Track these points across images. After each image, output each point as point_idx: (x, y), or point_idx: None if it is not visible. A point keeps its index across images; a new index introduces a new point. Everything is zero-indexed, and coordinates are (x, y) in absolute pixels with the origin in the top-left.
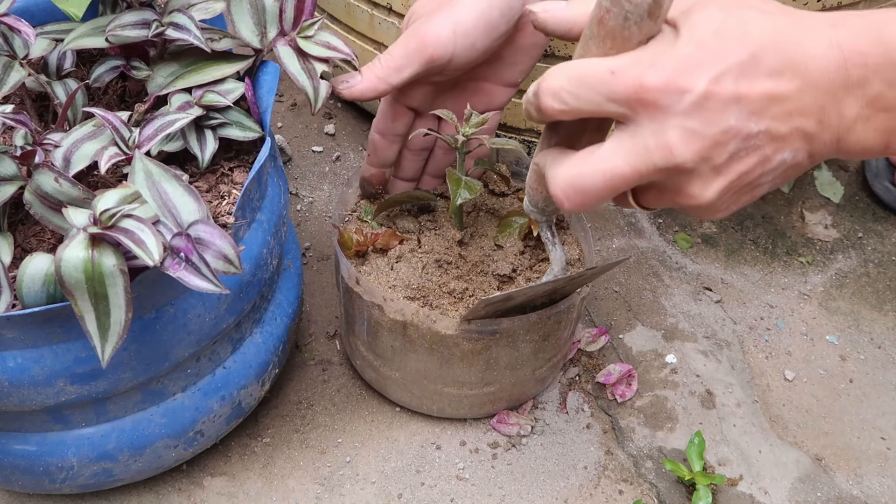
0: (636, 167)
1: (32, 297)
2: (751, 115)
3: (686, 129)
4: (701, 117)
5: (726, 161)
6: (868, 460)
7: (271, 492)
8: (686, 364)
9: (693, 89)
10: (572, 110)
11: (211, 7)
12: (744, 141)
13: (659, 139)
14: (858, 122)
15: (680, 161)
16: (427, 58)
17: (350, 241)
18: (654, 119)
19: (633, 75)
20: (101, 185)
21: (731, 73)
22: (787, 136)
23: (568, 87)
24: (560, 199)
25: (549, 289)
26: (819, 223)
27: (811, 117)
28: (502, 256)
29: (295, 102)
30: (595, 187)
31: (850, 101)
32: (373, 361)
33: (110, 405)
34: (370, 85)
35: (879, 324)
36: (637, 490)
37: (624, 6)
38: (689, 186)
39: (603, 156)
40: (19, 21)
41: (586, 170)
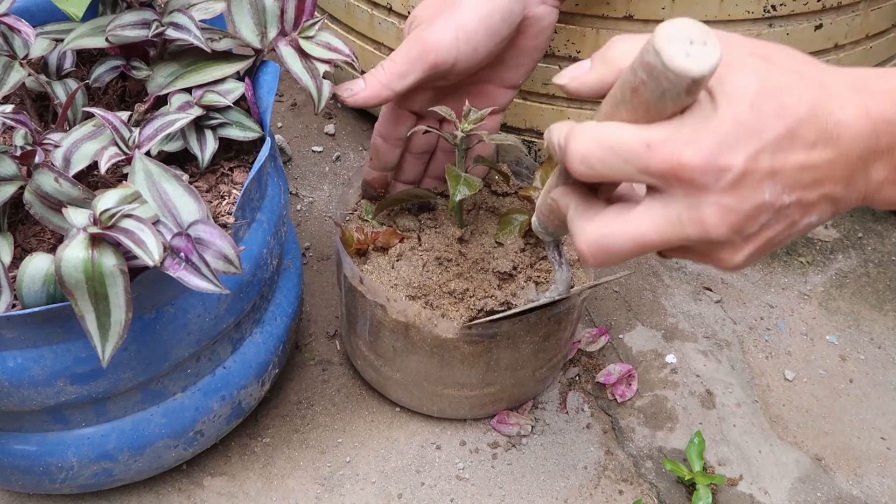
0: (666, 237)
1: (32, 297)
2: (784, 188)
3: (721, 207)
4: (737, 195)
5: (757, 231)
6: (868, 460)
7: (271, 492)
8: (686, 364)
9: (732, 168)
10: (601, 176)
11: (211, 7)
12: (776, 213)
13: (693, 214)
14: (885, 184)
15: (713, 236)
16: (430, 64)
17: (351, 239)
18: (690, 195)
19: (670, 152)
20: (101, 185)
21: (769, 150)
22: (816, 202)
23: (598, 154)
24: (585, 255)
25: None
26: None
27: (839, 184)
28: (503, 254)
29: (295, 102)
30: (622, 250)
31: (879, 167)
32: (374, 361)
33: (110, 405)
34: (374, 92)
35: (879, 324)
36: (637, 490)
37: (662, 83)
38: (718, 253)
39: (632, 220)
40: (19, 21)
41: (615, 232)
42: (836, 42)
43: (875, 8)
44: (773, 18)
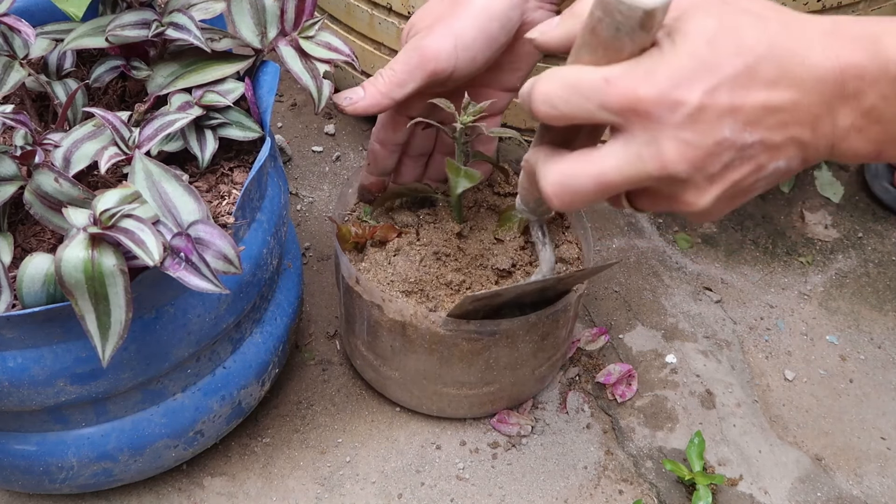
0: (628, 175)
1: (32, 297)
2: (745, 126)
3: (680, 141)
4: (695, 129)
5: (720, 171)
6: (868, 460)
7: (271, 492)
8: (686, 364)
9: (688, 101)
10: (564, 116)
11: (211, 7)
12: (738, 151)
13: (652, 150)
14: (852, 132)
15: (673, 172)
16: (429, 72)
17: (348, 234)
18: (648, 130)
19: (627, 86)
20: (101, 185)
21: (726, 85)
22: (782, 145)
23: (561, 94)
24: (550, 196)
25: (538, 287)
26: (819, 223)
27: (806, 127)
28: (502, 251)
29: (295, 102)
30: (586, 189)
31: (845, 112)
32: (372, 361)
33: (110, 405)
34: (373, 101)
35: (879, 324)
36: (637, 490)
37: (616, 17)
38: (683, 194)
39: (595, 160)
40: (19, 21)
41: (578, 171)
42: None
43: (875, 8)
44: None
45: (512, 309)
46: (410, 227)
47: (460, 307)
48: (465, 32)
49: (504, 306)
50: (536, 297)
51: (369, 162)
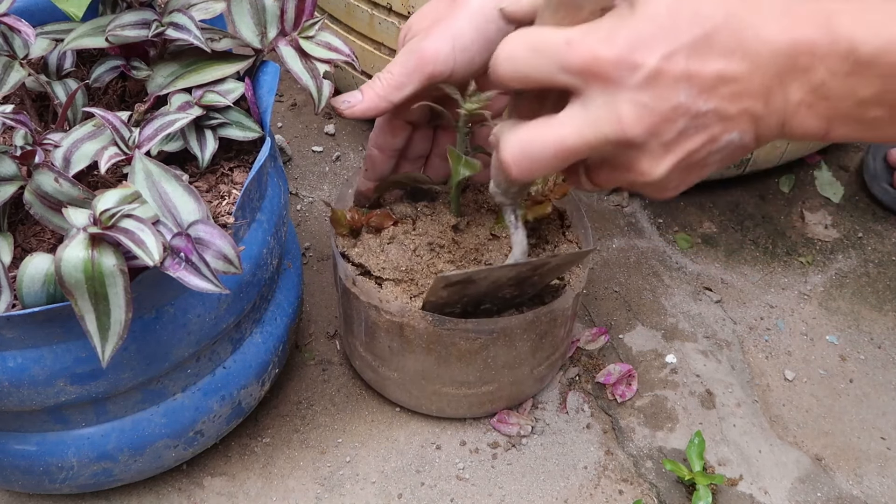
0: (586, 138)
1: (32, 297)
2: (700, 93)
3: (637, 104)
4: (652, 93)
5: (675, 138)
6: (868, 460)
7: (271, 492)
8: (686, 364)
9: (645, 64)
10: (525, 77)
11: (211, 7)
12: (693, 119)
13: (610, 112)
14: (802, 107)
15: (630, 135)
16: (428, 75)
17: (343, 219)
18: (606, 91)
19: (586, 46)
20: (101, 185)
21: (683, 52)
22: (736, 116)
23: (523, 55)
24: (509, 164)
25: (512, 275)
26: (819, 223)
27: (759, 99)
28: (497, 247)
29: (295, 102)
30: (544, 155)
31: (796, 87)
32: (371, 362)
33: (110, 405)
34: (371, 104)
35: (879, 324)
36: (637, 490)
37: None
38: (638, 162)
39: (553, 125)
40: (19, 21)
41: (536, 137)
42: None
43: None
44: None
45: (493, 303)
46: (408, 218)
47: (433, 292)
48: (463, 34)
49: (482, 298)
50: (515, 291)
51: (366, 167)
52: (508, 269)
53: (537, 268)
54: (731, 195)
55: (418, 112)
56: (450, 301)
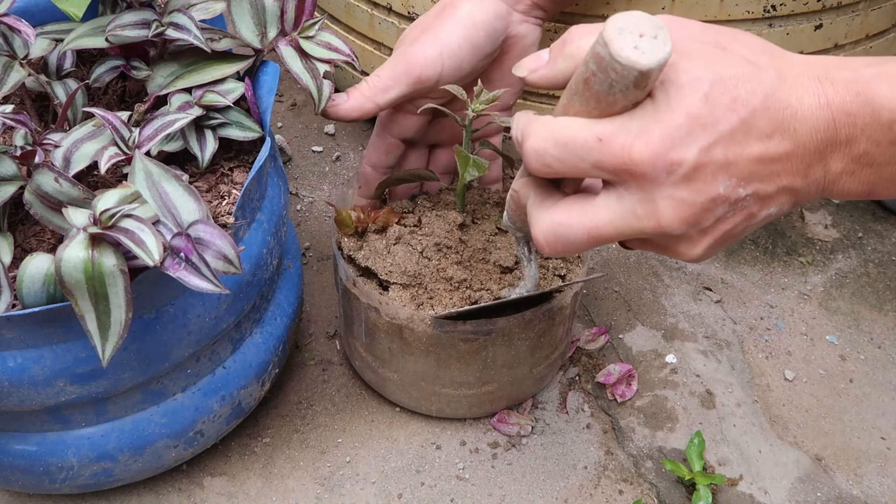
0: (621, 229)
1: (32, 297)
2: (740, 181)
3: (675, 200)
4: (690, 188)
5: (713, 224)
6: (868, 460)
7: (271, 492)
8: (686, 364)
9: (684, 161)
10: (558, 173)
11: (211, 7)
12: (731, 205)
13: (647, 208)
14: (844, 175)
15: (668, 230)
16: (415, 79)
17: (348, 219)
18: (643, 189)
19: (621, 145)
20: (101, 185)
21: (722, 142)
22: (774, 194)
23: (553, 152)
24: (541, 244)
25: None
26: (819, 223)
27: (798, 175)
28: (505, 245)
29: (295, 102)
30: (578, 241)
31: (837, 158)
32: (371, 362)
33: (110, 405)
34: (356, 104)
35: (879, 324)
36: (637, 490)
37: (610, 75)
38: (676, 246)
39: (588, 212)
40: (19, 21)
41: (571, 222)
42: (836, 42)
43: (875, 8)
44: (773, 18)
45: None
46: (411, 214)
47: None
48: (451, 40)
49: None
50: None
51: (360, 185)
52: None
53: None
54: None
55: (412, 129)
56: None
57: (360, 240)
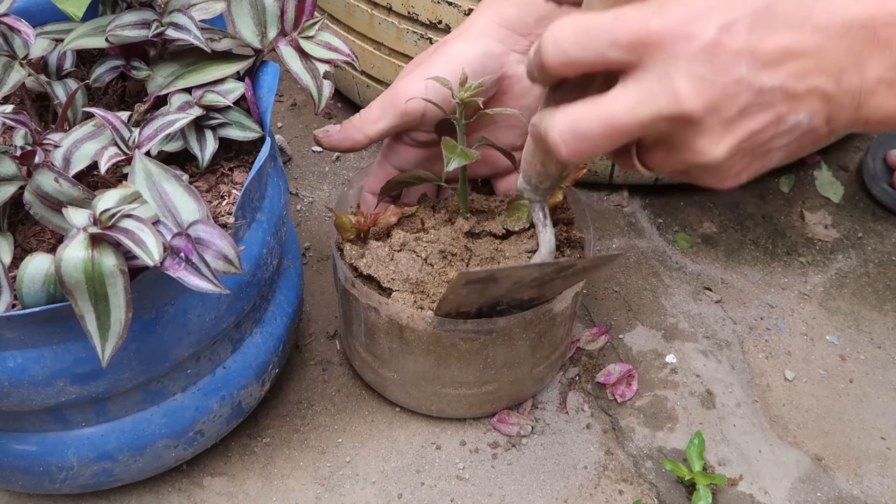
0: (639, 114)
1: (32, 297)
2: (764, 68)
3: (694, 76)
4: (711, 65)
5: (736, 115)
6: (868, 460)
7: (271, 492)
8: (686, 364)
9: (702, 35)
10: (574, 62)
11: (211, 7)
12: (756, 95)
13: (665, 84)
14: (882, 85)
15: (687, 109)
16: (401, 111)
17: (347, 224)
18: (660, 63)
19: (638, 19)
20: (101, 185)
21: (744, 23)
22: (804, 95)
23: (571, 38)
24: (557, 143)
25: (537, 275)
26: (819, 223)
27: (830, 77)
28: (514, 254)
29: (295, 102)
30: (595, 133)
31: (875, 62)
32: (371, 363)
33: (110, 405)
34: (346, 134)
35: (879, 324)
36: (637, 490)
37: None
38: (696, 141)
39: (604, 102)
40: (19, 21)
41: (586, 115)
42: None
43: None
44: None
45: (510, 304)
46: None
47: (453, 290)
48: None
49: (501, 301)
50: (536, 293)
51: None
52: (534, 268)
53: (562, 270)
54: (731, 195)
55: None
56: (467, 301)
57: (363, 247)
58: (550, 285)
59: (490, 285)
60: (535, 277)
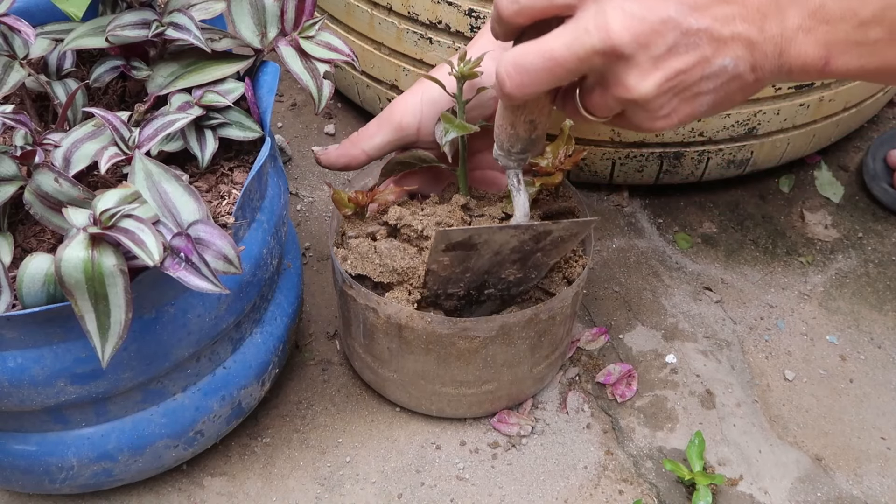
0: (574, 49)
1: (32, 297)
2: (692, 11)
3: (625, 12)
4: (641, 3)
5: (664, 53)
6: (868, 460)
7: (271, 492)
8: (686, 364)
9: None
10: (525, 9)
11: (211, 7)
12: (683, 35)
13: (598, 20)
14: (800, 33)
15: (617, 42)
16: (396, 125)
17: (345, 199)
18: (597, 4)
19: None
20: (101, 185)
21: None
22: (729, 40)
23: None
24: (502, 78)
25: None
26: (819, 223)
27: (753, 24)
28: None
29: (295, 102)
30: (535, 66)
31: (793, 12)
32: (370, 363)
33: (110, 405)
34: (343, 150)
35: (879, 324)
36: (637, 490)
37: None
38: (626, 76)
39: (545, 39)
40: (19, 21)
41: (528, 51)
42: None
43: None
44: None
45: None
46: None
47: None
48: (432, 89)
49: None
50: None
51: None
52: (510, 231)
53: (539, 237)
54: (731, 195)
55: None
56: (452, 276)
57: (347, 247)
58: (532, 260)
59: (470, 254)
60: (514, 246)
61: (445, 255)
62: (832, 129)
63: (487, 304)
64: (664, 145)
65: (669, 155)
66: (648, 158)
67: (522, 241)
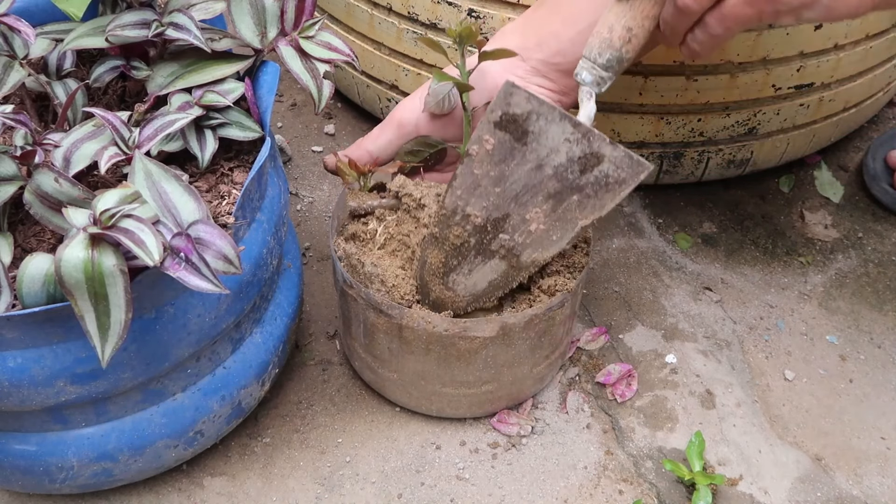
0: None
1: (32, 297)
2: None
3: None
4: None
5: None
6: (868, 460)
7: (271, 492)
8: (686, 364)
9: None
10: None
11: (211, 7)
12: None
13: None
14: None
15: None
16: (396, 123)
17: (346, 166)
18: None
19: None
20: (101, 185)
21: None
22: None
23: None
24: None
25: (564, 147)
26: (819, 223)
27: None
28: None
29: (295, 102)
30: None
31: None
32: (370, 363)
33: (110, 405)
34: (347, 152)
35: (879, 324)
36: (637, 490)
37: None
38: None
39: None
40: (19, 21)
41: None
42: (836, 42)
43: None
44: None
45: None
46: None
47: (486, 121)
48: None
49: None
50: (543, 222)
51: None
52: (568, 127)
53: (587, 161)
54: (731, 195)
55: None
56: (485, 174)
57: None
58: (565, 208)
59: (517, 149)
60: (559, 164)
61: (493, 134)
62: (832, 129)
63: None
64: (664, 145)
65: (669, 155)
66: (648, 158)
67: (571, 157)
